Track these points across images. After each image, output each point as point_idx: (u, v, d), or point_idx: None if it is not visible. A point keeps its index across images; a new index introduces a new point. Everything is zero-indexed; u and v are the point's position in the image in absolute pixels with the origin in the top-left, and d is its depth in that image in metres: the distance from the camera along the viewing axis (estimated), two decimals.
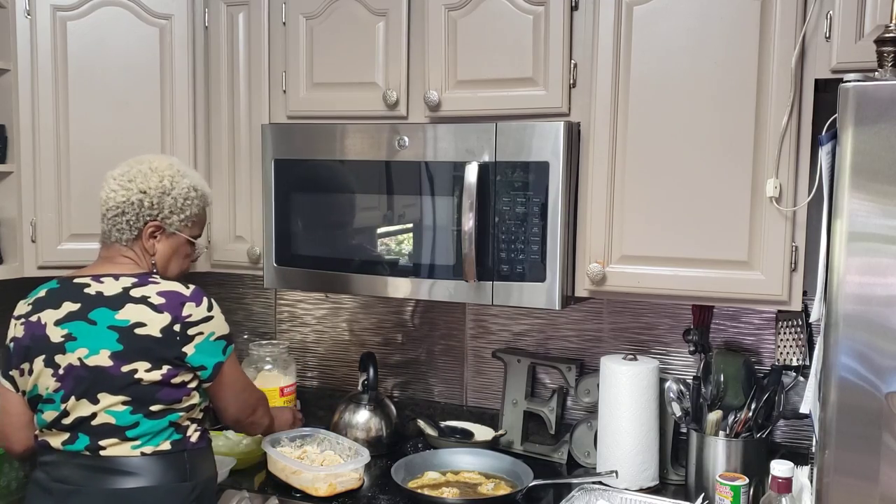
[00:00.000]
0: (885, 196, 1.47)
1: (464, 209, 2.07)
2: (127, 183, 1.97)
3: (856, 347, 1.50)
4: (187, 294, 1.92)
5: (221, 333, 1.95)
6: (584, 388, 2.43)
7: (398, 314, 2.78)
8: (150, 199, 1.96)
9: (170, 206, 1.98)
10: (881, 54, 1.58)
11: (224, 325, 1.97)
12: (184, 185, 2.00)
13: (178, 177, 2.00)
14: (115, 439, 1.85)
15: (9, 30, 2.36)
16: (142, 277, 1.94)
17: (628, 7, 2.01)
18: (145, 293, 1.89)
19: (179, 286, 1.93)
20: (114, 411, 1.85)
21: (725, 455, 2.12)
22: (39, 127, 2.38)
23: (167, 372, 1.86)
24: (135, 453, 1.85)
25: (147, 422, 1.86)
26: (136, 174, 1.98)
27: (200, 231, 2.09)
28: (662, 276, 2.02)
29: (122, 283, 1.92)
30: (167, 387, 1.87)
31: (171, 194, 1.98)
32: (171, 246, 2.01)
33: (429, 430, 2.53)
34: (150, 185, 1.97)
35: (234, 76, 2.47)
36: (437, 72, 2.20)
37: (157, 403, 1.86)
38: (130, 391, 1.85)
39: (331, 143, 2.29)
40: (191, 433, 1.93)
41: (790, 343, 2.20)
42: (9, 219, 2.42)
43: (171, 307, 1.88)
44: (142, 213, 1.96)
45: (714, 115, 1.95)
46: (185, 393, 1.90)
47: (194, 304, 1.91)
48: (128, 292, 1.90)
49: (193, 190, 2.02)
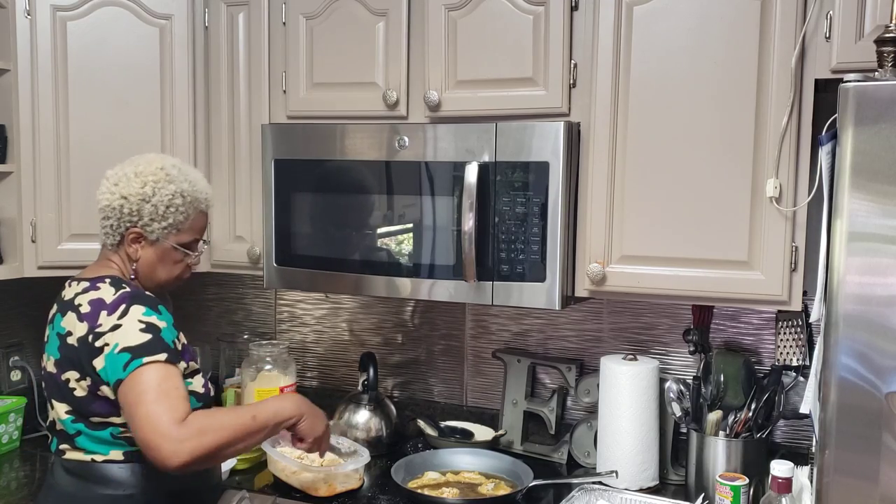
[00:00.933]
0: (885, 196, 1.47)
1: (464, 209, 2.07)
2: (112, 186, 1.90)
3: (856, 347, 1.50)
4: (108, 301, 1.80)
5: (126, 345, 1.73)
6: (584, 388, 2.43)
7: (398, 314, 2.78)
8: (129, 206, 1.88)
9: (150, 213, 1.88)
10: (881, 54, 1.58)
11: (133, 336, 1.74)
12: (167, 192, 1.89)
13: (164, 183, 1.89)
14: (69, 445, 1.86)
15: (9, 30, 2.36)
16: (95, 282, 1.85)
17: (628, 7, 2.01)
18: (81, 300, 1.82)
19: (111, 292, 1.82)
20: (62, 419, 1.84)
21: (725, 455, 2.12)
22: (39, 127, 2.38)
23: (90, 384, 1.79)
24: (87, 459, 1.84)
25: (89, 432, 1.83)
26: (122, 178, 1.90)
27: (194, 236, 1.96)
28: (662, 276, 2.02)
29: (78, 288, 1.86)
30: (98, 399, 1.79)
31: (150, 202, 1.88)
32: (156, 253, 1.91)
33: (429, 430, 2.53)
34: (130, 192, 1.88)
35: (234, 76, 2.47)
36: (437, 72, 2.20)
37: (94, 415, 1.81)
38: (69, 400, 1.82)
39: (331, 143, 2.29)
40: None
41: (790, 343, 2.20)
42: (9, 219, 2.42)
43: (91, 315, 1.79)
44: (122, 218, 1.89)
45: (714, 115, 1.95)
46: (115, 410, 1.79)
47: (106, 313, 1.78)
48: (74, 298, 1.84)
49: (180, 196, 1.90)
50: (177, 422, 1.67)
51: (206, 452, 1.69)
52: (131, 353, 1.73)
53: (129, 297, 1.81)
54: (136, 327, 1.76)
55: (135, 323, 1.76)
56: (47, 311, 1.94)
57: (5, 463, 2.47)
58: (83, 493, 1.83)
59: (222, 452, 1.74)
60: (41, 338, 1.93)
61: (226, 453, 1.76)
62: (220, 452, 1.73)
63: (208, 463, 1.75)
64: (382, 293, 2.28)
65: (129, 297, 1.81)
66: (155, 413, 1.68)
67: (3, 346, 2.72)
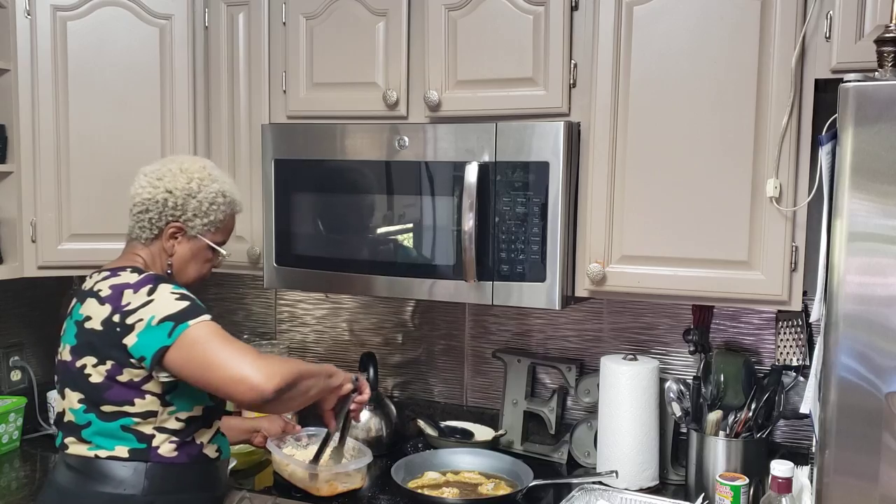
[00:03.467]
0: (885, 196, 1.47)
1: (464, 209, 2.07)
2: (155, 181, 1.93)
3: (856, 347, 1.50)
4: (132, 283, 1.81)
5: (166, 314, 1.75)
6: (584, 388, 2.44)
7: (398, 314, 2.78)
8: (174, 200, 1.92)
9: (194, 208, 1.93)
10: (881, 54, 1.58)
11: (171, 304, 1.77)
12: (212, 189, 1.95)
13: (208, 180, 1.95)
14: (74, 438, 1.84)
15: (9, 30, 2.36)
16: (116, 270, 1.87)
17: (628, 7, 2.01)
18: (101, 286, 1.83)
19: (133, 277, 1.83)
20: (73, 409, 1.83)
21: (725, 455, 2.12)
22: (39, 127, 2.38)
23: (111, 368, 1.78)
24: (91, 454, 1.82)
25: (99, 423, 1.81)
26: (166, 173, 1.94)
27: (225, 238, 2.03)
28: (662, 276, 2.02)
29: (98, 277, 1.88)
30: (115, 384, 1.78)
31: (196, 197, 1.93)
32: (191, 249, 1.96)
33: (429, 430, 2.53)
34: (176, 185, 1.92)
35: (234, 76, 2.47)
36: (437, 72, 2.20)
37: (106, 403, 1.80)
38: (83, 387, 1.81)
39: (331, 143, 2.29)
40: (158, 444, 1.82)
41: (790, 343, 2.20)
42: (9, 219, 2.42)
43: (113, 297, 1.80)
44: (165, 212, 1.92)
45: (714, 115, 1.95)
46: (137, 394, 1.79)
47: (132, 291, 1.79)
48: (94, 286, 1.85)
49: (222, 195, 1.97)
50: (258, 354, 1.74)
51: (293, 378, 1.74)
52: (173, 319, 1.75)
53: (153, 277, 1.84)
54: (171, 297, 1.78)
55: (168, 294, 1.79)
56: (47, 311, 1.94)
57: (5, 463, 2.47)
58: (83, 490, 1.82)
59: (301, 383, 1.78)
60: (41, 338, 1.94)
61: (303, 386, 1.79)
62: (300, 382, 1.78)
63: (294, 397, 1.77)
64: (383, 293, 2.28)
65: (153, 277, 1.84)
66: (234, 351, 1.73)
67: (3, 346, 2.72)
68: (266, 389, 1.69)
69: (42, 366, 2.80)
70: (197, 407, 1.86)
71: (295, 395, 1.78)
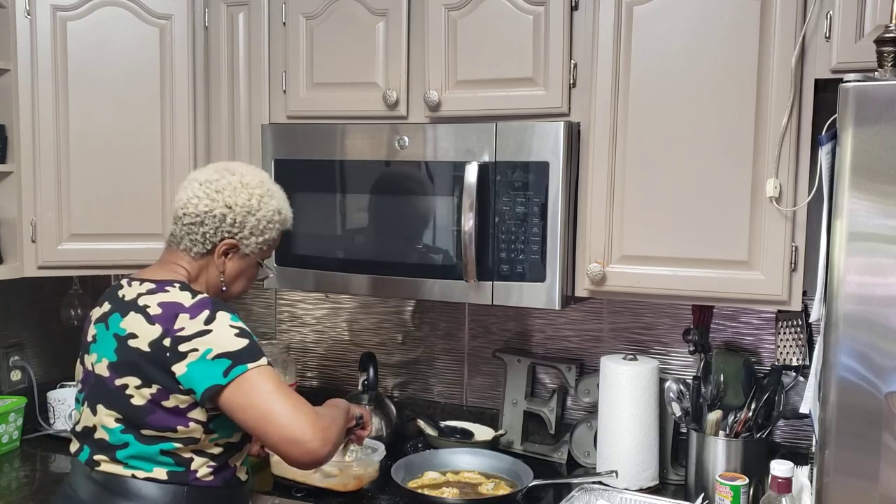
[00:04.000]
0: (885, 196, 1.47)
1: (464, 209, 2.07)
2: (214, 193, 1.80)
3: (856, 347, 1.50)
4: (187, 305, 1.71)
5: (222, 351, 1.66)
6: (584, 388, 2.44)
7: (398, 314, 2.78)
8: (234, 216, 1.80)
9: (252, 227, 1.81)
10: (881, 54, 1.58)
11: (230, 341, 1.68)
12: (271, 207, 1.84)
13: (267, 197, 1.84)
14: (106, 457, 1.75)
15: (9, 30, 2.36)
16: (163, 285, 1.77)
17: (628, 7, 2.01)
18: (149, 301, 1.73)
19: (186, 296, 1.74)
20: (107, 427, 1.74)
21: (725, 455, 2.12)
22: (39, 127, 2.38)
23: (157, 392, 1.68)
24: (127, 473, 1.73)
25: (137, 445, 1.72)
26: (226, 186, 1.81)
27: (271, 254, 1.95)
28: (662, 276, 2.02)
29: (141, 288, 1.77)
30: (159, 410, 1.69)
31: (256, 215, 1.81)
32: (241, 266, 1.86)
33: (429, 430, 2.53)
34: (237, 202, 1.80)
35: (234, 76, 2.47)
36: (437, 72, 2.20)
37: (147, 428, 1.71)
38: (121, 408, 1.71)
39: (331, 143, 2.29)
40: (197, 467, 1.75)
41: (790, 343, 2.20)
42: (9, 219, 2.42)
43: (165, 318, 1.69)
44: (222, 228, 1.80)
45: (714, 115, 1.95)
46: (181, 422, 1.70)
47: (188, 317, 1.69)
48: (137, 299, 1.75)
49: (278, 213, 1.86)
50: (316, 414, 1.70)
51: (336, 441, 1.74)
52: (232, 358, 1.66)
53: (210, 302, 1.74)
54: (230, 332, 1.69)
55: (227, 328, 1.69)
56: (47, 311, 1.92)
57: (5, 463, 2.47)
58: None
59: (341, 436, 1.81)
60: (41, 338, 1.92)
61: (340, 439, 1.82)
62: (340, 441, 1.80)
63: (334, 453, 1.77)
64: (382, 293, 2.28)
65: (210, 302, 1.74)
66: (293, 409, 1.67)
67: (3, 346, 2.72)
68: (321, 454, 1.68)
69: (42, 366, 2.80)
70: (236, 434, 1.80)
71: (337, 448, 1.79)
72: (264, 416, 1.66)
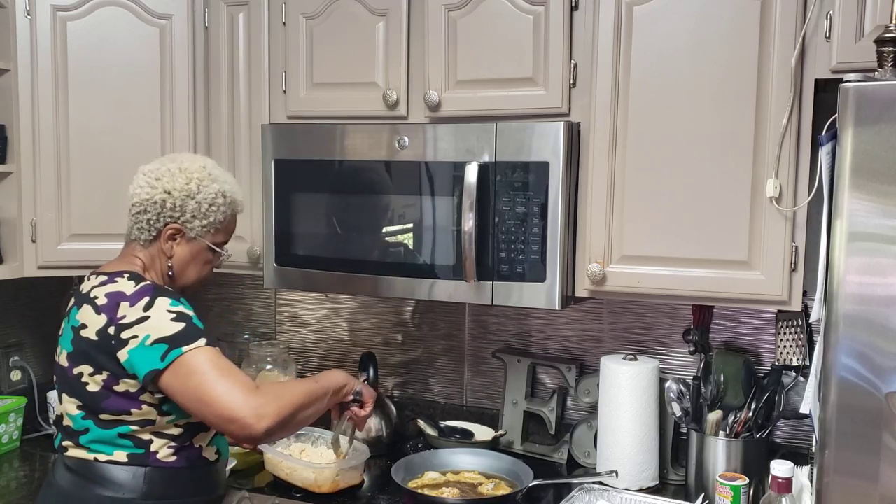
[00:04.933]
0: (885, 196, 1.47)
1: (464, 209, 2.07)
2: (154, 181, 1.88)
3: (856, 347, 1.50)
4: (129, 293, 1.78)
5: (159, 336, 1.72)
6: (584, 388, 2.44)
7: (398, 314, 2.78)
8: (173, 201, 1.87)
9: (193, 209, 1.88)
10: (881, 54, 1.58)
11: (166, 325, 1.73)
12: (212, 189, 1.90)
13: (208, 181, 1.91)
14: (72, 442, 1.83)
15: (9, 30, 2.36)
16: (113, 276, 1.83)
17: (628, 7, 2.01)
18: (98, 293, 1.80)
19: (130, 285, 1.80)
20: (70, 414, 1.82)
21: (725, 455, 2.12)
22: (39, 127, 2.38)
23: (108, 378, 1.76)
24: (90, 458, 1.81)
25: (96, 429, 1.80)
26: (165, 173, 1.89)
27: (226, 238, 1.99)
28: (662, 276, 2.02)
29: (95, 281, 1.84)
30: (113, 395, 1.76)
31: (195, 198, 1.88)
32: (191, 251, 1.92)
33: (429, 430, 2.53)
34: (175, 186, 1.87)
35: (234, 76, 2.47)
36: (437, 72, 2.20)
37: (104, 413, 1.78)
38: (80, 395, 1.80)
39: (331, 143, 2.29)
40: (157, 448, 1.81)
41: (790, 343, 2.20)
42: (9, 219, 2.42)
43: (109, 308, 1.77)
44: (163, 213, 1.87)
45: (714, 115, 1.95)
46: (134, 405, 1.77)
47: (129, 304, 1.76)
48: (91, 291, 1.82)
49: (222, 196, 1.92)
50: (252, 390, 1.71)
51: (288, 413, 1.72)
52: (168, 342, 1.72)
53: (151, 288, 1.80)
54: (167, 317, 1.75)
55: (164, 313, 1.75)
56: (47, 311, 1.94)
57: (5, 463, 2.47)
58: (82, 492, 1.81)
59: (299, 415, 1.76)
60: (41, 338, 1.93)
61: (300, 417, 1.77)
62: (297, 414, 1.76)
63: (288, 428, 1.76)
64: (382, 293, 2.28)
65: (151, 288, 1.80)
66: (227, 387, 1.69)
67: (3, 346, 2.72)
68: (256, 430, 1.68)
69: (42, 366, 2.80)
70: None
71: (292, 426, 1.78)
72: (200, 398, 1.70)
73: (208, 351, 1.74)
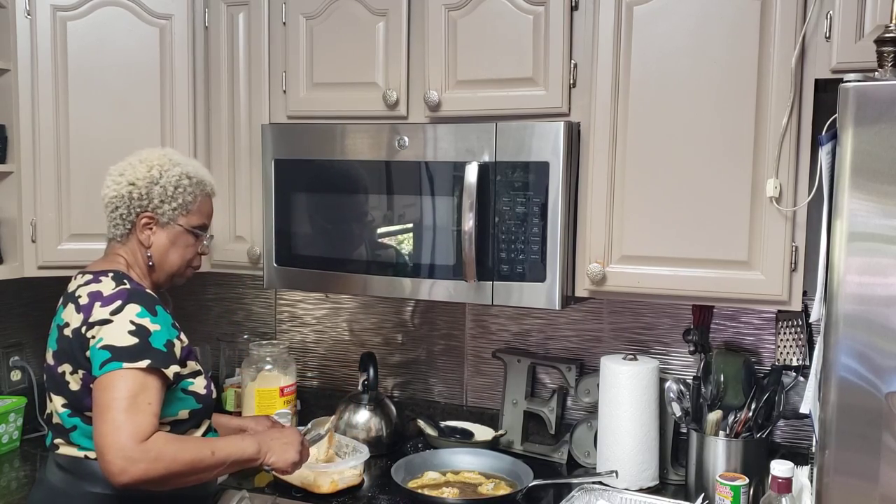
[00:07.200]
0: (885, 196, 1.47)
1: (464, 209, 2.07)
2: (118, 177, 1.92)
3: (856, 347, 1.50)
4: (105, 294, 1.80)
5: (107, 343, 1.72)
6: (584, 388, 2.44)
7: (398, 314, 2.78)
8: (138, 190, 1.90)
9: (159, 194, 1.90)
10: (881, 54, 1.58)
11: (119, 336, 1.72)
12: (174, 172, 1.92)
13: (169, 165, 1.93)
14: (62, 440, 1.85)
15: (9, 30, 2.36)
16: (98, 275, 1.86)
17: (628, 7, 2.01)
18: (81, 292, 1.83)
19: (110, 286, 1.82)
20: (59, 412, 1.84)
21: (725, 455, 2.12)
22: (39, 127, 2.38)
23: (84, 376, 1.77)
24: (80, 455, 1.82)
25: (83, 426, 1.81)
26: (127, 167, 1.93)
27: (203, 220, 1.99)
28: (662, 276, 2.02)
29: (81, 280, 1.87)
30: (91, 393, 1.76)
31: (159, 183, 1.91)
32: (168, 237, 1.93)
33: (429, 430, 2.53)
34: (138, 176, 1.91)
35: (234, 76, 2.47)
36: (437, 72, 2.20)
37: (88, 410, 1.78)
38: (65, 393, 1.82)
39: (331, 143, 2.29)
40: None
41: (790, 343, 2.20)
42: (9, 219, 2.42)
43: (86, 308, 1.79)
44: (132, 205, 1.90)
45: (714, 115, 1.95)
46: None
47: (100, 304, 1.78)
48: (76, 290, 1.85)
49: (186, 177, 1.94)
50: (138, 440, 1.66)
51: (155, 478, 1.67)
52: (112, 353, 1.72)
53: (127, 293, 1.80)
54: (125, 328, 1.74)
55: (125, 323, 1.75)
56: (47, 311, 1.94)
57: (5, 463, 2.48)
58: (72, 489, 1.83)
59: (172, 481, 1.71)
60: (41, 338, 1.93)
61: (176, 482, 1.72)
62: (169, 481, 1.70)
63: (155, 487, 1.70)
64: (382, 293, 2.28)
65: (127, 293, 1.80)
66: (117, 424, 1.66)
67: (3, 346, 2.72)
68: (115, 478, 1.65)
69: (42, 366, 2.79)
70: (182, 411, 1.85)
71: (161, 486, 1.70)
72: (97, 417, 1.70)
73: (140, 377, 1.70)
